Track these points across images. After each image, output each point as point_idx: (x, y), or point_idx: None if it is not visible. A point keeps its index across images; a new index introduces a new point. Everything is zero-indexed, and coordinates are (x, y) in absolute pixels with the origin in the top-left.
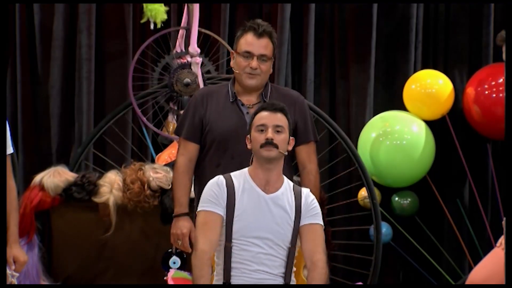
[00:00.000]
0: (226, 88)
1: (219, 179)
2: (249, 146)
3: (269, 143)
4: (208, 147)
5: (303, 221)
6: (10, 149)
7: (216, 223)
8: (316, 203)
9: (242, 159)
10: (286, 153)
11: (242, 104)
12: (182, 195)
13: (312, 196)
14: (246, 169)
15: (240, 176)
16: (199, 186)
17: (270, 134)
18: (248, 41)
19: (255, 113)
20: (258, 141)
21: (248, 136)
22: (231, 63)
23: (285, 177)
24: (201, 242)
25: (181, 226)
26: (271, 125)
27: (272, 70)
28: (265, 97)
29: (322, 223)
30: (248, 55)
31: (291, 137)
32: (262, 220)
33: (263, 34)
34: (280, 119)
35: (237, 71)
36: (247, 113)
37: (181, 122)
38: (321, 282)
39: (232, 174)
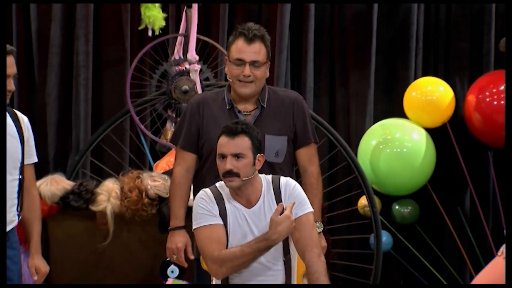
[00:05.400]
0: (222, 95)
1: (206, 192)
2: None
3: (228, 173)
4: (206, 157)
5: None
6: (34, 158)
7: (221, 234)
8: (298, 190)
9: None
10: (255, 173)
11: (239, 111)
12: (178, 207)
13: (292, 184)
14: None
15: (224, 191)
16: None
17: (228, 164)
18: (239, 48)
19: (218, 137)
20: (220, 170)
21: None
22: (225, 70)
23: (262, 178)
24: (211, 250)
25: (176, 240)
26: (229, 153)
27: (272, 77)
28: (262, 102)
29: (309, 209)
30: (240, 62)
31: (259, 154)
32: (251, 239)
33: (254, 39)
34: (239, 144)
35: (230, 79)
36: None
37: (177, 130)
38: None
39: (218, 186)
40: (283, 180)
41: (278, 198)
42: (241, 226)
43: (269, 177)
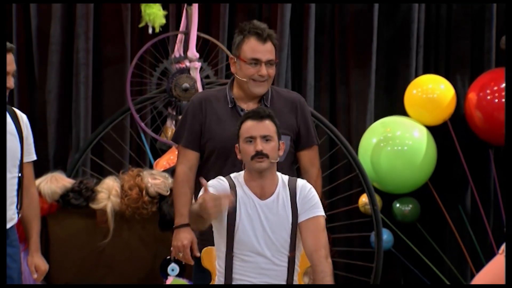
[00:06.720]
0: (223, 93)
1: (221, 178)
2: (239, 157)
3: (259, 154)
4: (208, 155)
5: (301, 217)
6: (33, 156)
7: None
8: (312, 193)
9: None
10: (278, 159)
11: (242, 110)
12: (183, 205)
13: (308, 187)
14: (242, 174)
15: (237, 180)
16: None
17: (259, 145)
18: (253, 48)
19: (241, 122)
20: (248, 153)
21: (237, 145)
22: (232, 69)
23: (279, 175)
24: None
25: (182, 238)
26: (259, 135)
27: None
28: (265, 102)
29: (321, 213)
30: (256, 62)
31: (280, 142)
32: (259, 231)
33: (267, 39)
34: (267, 127)
35: (243, 79)
36: None
37: (179, 129)
38: (324, 282)
39: (232, 177)
40: (300, 182)
41: (293, 197)
42: (251, 216)
43: (286, 177)
